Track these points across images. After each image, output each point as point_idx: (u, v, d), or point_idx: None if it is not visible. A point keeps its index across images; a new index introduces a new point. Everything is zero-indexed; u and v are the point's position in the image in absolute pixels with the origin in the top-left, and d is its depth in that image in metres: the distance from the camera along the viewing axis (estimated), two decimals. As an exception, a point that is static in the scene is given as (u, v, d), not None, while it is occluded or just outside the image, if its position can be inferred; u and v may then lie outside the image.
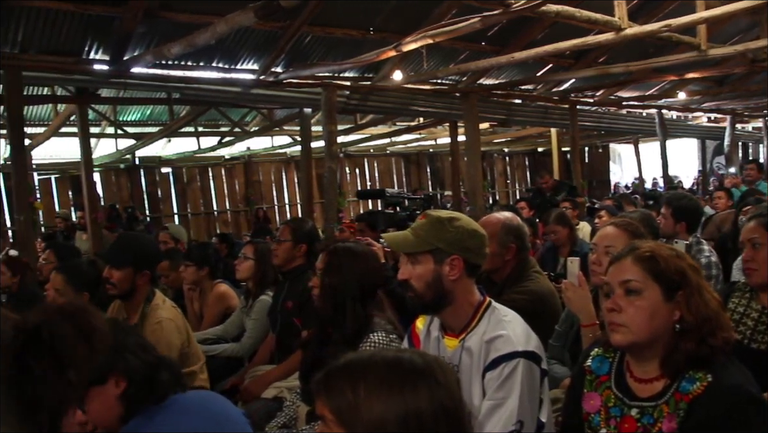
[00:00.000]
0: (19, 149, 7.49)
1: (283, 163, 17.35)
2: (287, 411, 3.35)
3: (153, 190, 15.44)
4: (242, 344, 4.62)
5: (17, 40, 7.94)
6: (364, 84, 10.57)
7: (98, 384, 1.99)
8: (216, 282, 5.07)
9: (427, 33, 7.46)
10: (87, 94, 9.58)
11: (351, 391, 1.27)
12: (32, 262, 6.87)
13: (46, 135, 11.67)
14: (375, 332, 2.79)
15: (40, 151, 12.55)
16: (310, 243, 4.31)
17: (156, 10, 7.84)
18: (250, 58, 9.59)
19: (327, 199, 9.42)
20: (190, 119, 12.34)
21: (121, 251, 3.61)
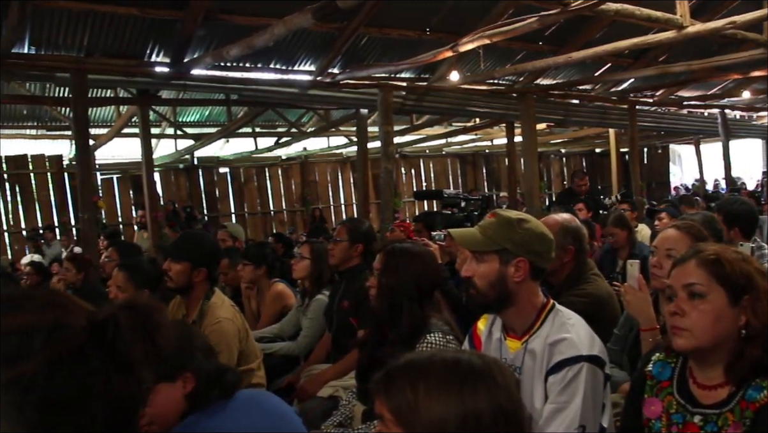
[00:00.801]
0: (84, 150, 7.68)
1: (339, 163, 17.44)
2: (343, 410, 3.36)
3: (211, 189, 15.67)
4: (298, 343, 4.65)
5: (83, 44, 8.16)
6: (420, 85, 10.56)
7: (167, 381, 2.04)
8: (273, 281, 5.11)
9: (484, 33, 7.42)
10: (148, 95, 9.76)
11: (410, 391, 1.27)
12: (95, 259, 7.03)
13: (108, 136, 11.94)
14: (431, 332, 2.78)
15: (103, 151, 12.84)
16: (366, 243, 4.31)
17: (215, 13, 7.96)
18: (307, 59, 9.66)
19: (383, 199, 9.45)
20: (247, 120, 12.50)
21: (182, 246, 3.68)
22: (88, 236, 7.81)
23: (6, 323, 0.97)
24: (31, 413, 0.92)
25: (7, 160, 13.02)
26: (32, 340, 0.95)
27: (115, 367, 0.97)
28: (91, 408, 0.95)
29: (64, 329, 0.96)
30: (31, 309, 0.99)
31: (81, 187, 7.77)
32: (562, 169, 22.06)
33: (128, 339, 0.98)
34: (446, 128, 15.62)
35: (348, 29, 8.63)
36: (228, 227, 7.56)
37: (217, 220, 14.98)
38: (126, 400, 1.00)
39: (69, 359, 0.95)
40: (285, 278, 5.29)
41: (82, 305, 1.05)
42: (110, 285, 4.10)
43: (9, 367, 0.93)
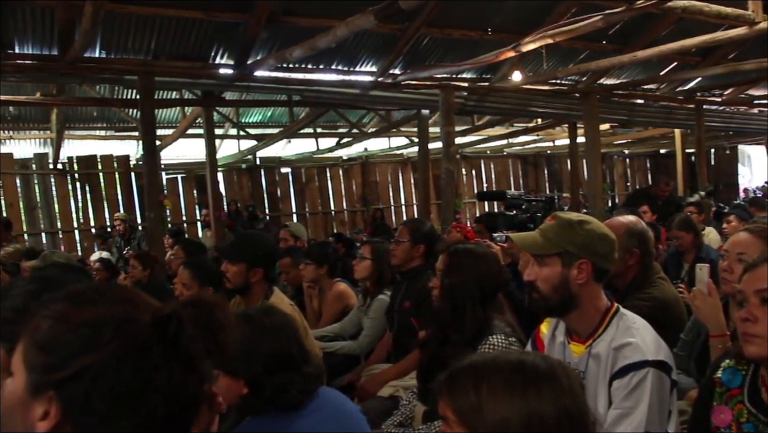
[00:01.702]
0: (150, 150, 7.84)
1: (399, 164, 17.44)
2: (403, 410, 3.37)
3: (273, 189, 15.83)
4: (359, 343, 4.67)
5: (150, 48, 8.35)
6: (482, 85, 10.52)
7: (230, 376, 2.07)
8: (335, 281, 5.15)
9: (547, 33, 7.33)
10: (212, 97, 9.93)
11: (474, 392, 1.27)
12: (161, 256, 7.17)
13: (174, 136, 12.18)
14: (494, 334, 2.77)
15: (168, 151, 13.10)
16: (428, 244, 4.31)
17: (278, 15, 8.06)
18: (368, 60, 9.70)
19: (444, 200, 9.42)
20: (309, 121, 12.59)
21: (238, 248, 3.74)
22: (155, 234, 7.98)
23: (79, 315, 1.00)
24: (98, 402, 0.96)
25: (77, 160, 13.39)
26: (102, 332, 0.98)
27: (177, 362, 1.00)
28: (152, 401, 0.98)
29: (131, 324, 1.00)
30: (102, 303, 1.03)
31: (147, 187, 7.93)
32: (625, 171, 21.67)
33: (190, 336, 1.01)
34: (508, 129, 15.50)
35: (410, 30, 8.63)
36: (290, 226, 7.64)
37: (279, 219, 15.13)
38: (186, 395, 1.03)
39: (135, 352, 0.98)
40: (346, 278, 5.32)
41: (148, 301, 1.08)
42: (176, 282, 4.19)
43: (80, 357, 0.96)
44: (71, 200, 13.42)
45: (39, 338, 1.01)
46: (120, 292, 1.10)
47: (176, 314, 1.01)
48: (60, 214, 13.31)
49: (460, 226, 6.26)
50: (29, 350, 1.01)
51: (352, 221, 16.65)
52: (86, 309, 1.02)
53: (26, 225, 12.88)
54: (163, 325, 1.00)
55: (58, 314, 1.02)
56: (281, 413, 2.08)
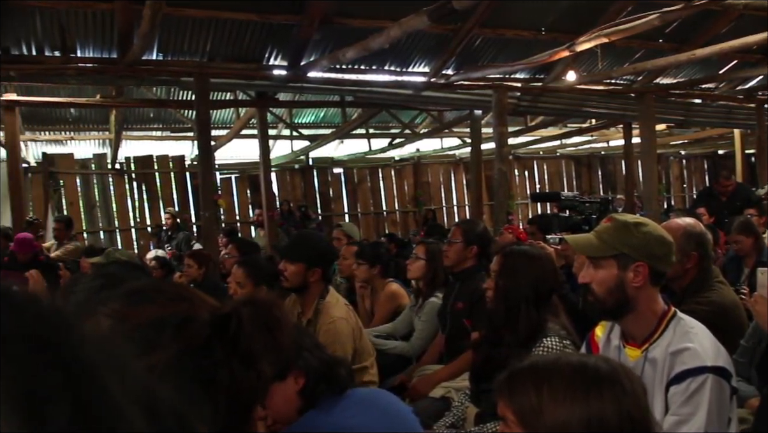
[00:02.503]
0: (205, 151, 7.96)
1: (451, 164, 17.38)
2: (455, 411, 3.36)
3: (325, 189, 15.92)
4: (411, 343, 4.68)
5: (206, 50, 8.47)
6: (535, 85, 10.43)
7: (279, 380, 2.09)
8: (387, 281, 5.16)
9: (602, 32, 7.23)
10: (266, 98, 10.02)
11: (535, 393, 1.26)
12: (215, 255, 7.27)
13: (228, 137, 12.34)
14: (548, 336, 2.74)
15: (222, 152, 13.28)
16: (481, 245, 4.30)
17: (332, 16, 8.11)
18: (421, 60, 9.70)
19: (496, 201, 9.37)
20: (361, 121, 12.63)
21: (297, 247, 3.76)
22: (209, 233, 8.09)
23: (139, 314, 1.02)
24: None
25: (134, 160, 13.67)
26: (164, 332, 1.00)
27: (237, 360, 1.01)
28: (216, 399, 1.00)
29: (191, 323, 1.01)
30: (162, 302, 1.05)
31: (202, 186, 8.05)
32: (681, 172, 21.23)
33: (250, 333, 1.02)
34: (561, 129, 15.33)
35: (462, 30, 8.61)
36: (343, 226, 7.69)
37: (331, 219, 15.21)
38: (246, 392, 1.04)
39: (196, 351, 0.99)
40: (398, 278, 5.32)
41: (205, 299, 1.10)
42: (230, 281, 4.23)
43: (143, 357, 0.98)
44: (128, 199, 13.70)
45: None
46: (178, 290, 1.12)
47: (236, 312, 1.03)
48: (117, 213, 13.60)
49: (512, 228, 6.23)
50: None
51: (404, 222, 16.65)
52: (146, 308, 1.04)
53: (85, 223, 13.19)
54: (223, 323, 1.01)
55: (118, 314, 1.04)
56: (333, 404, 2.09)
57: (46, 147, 13.16)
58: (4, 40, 7.86)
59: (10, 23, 7.60)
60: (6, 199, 10.10)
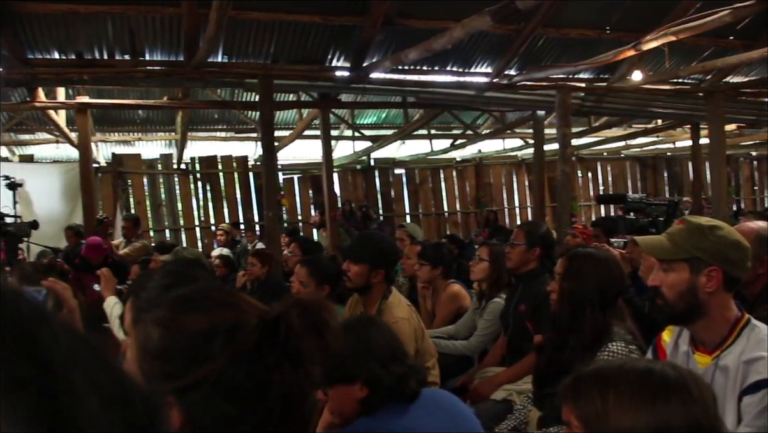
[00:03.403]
0: (269, 151, 8.05)
1: (514, 165, 17.25)
2: (517, 414, 3.34)
3: (386, 190, 15.95)
4: (471, 343, 4.65)
5: (269, 52, 8.59)
6: (599, 85, 10.28)
7: (345, 383, 2.09)
8: (449, 282, 5.14)
9: (670, 30, 7.08)
10: (329, 99, 10.09)
11: (600, 399, 1.24)
12: (278, 254, 7.35)
13: (291, 138, 12.47)
14: (614, 341, 2.69)
15: (285, 152, 13.43)
16: (544, 247, 4.25)
17: (394, 17, 8.13)
18: (483, 61, 9.66)
19: (559, 203, 9.26)
20: (423, 122, 12.63)
21: (361, 248, 3.75)
22: (272, 232, 8.19)
23: (188, 323, 1.04)
24: (217, 406, 0.99)
25: (199, 160, 13.93)
26: (214, 340, 1.02)
27: (289, 362, 1.02)
28: (269, 401, 1.01)
29: (240, 329, 1.03)
30: (210, 309, 1.06)
31: (266, 187, 8.14)
32: (752, 174, 20.62)
33: (299, 335, 1.03)
34: (626, 130, 15.07)
35: (525, 30, 8.54)
36: (406, 226, 7.70)
37: (392, 220, 15.25)
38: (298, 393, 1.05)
39: (248, 356, 1.01)
40: (460, 279, 5.30)
41: (253, 303, 1.11)
42: (292, 280, 4.27)
43: (197, 367, 1.00)
44: (193, 199, 13.99)
45: (152, 346, 1.05)
46: (224, 296, 1.13)
47: (284, 315, 1.04)
48: (182, 212, 13.90)
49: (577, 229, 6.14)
50: (144, 358, 1.06)
51: (465, 223, 16.59)
52: (194, 316, 1.05)
53: (152, 222, 13.52)
54: (273, 327, 1.03)
55: (168, 322, 1.06)
56: (396, 410, 2.09)
57: (115, 148, 13.53)
58: (77, 45, 8.10)
59: (83, 29, 7.83)
60: (78, 197, 10.42)
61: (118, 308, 3.57)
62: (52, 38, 7.99)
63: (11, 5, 7.27)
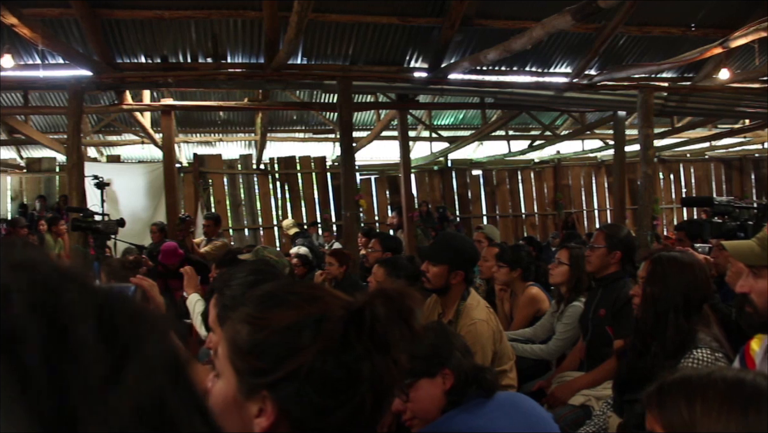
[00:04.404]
0: (348, 152, 8.12)
1: (593, 167, 16.97)
2: (596, 420, 3.28)
3: (463, 191, 15.91)
4: (549, 347, 4.59)
5: (348, 53, 8.67)
6: (683, 85, 10.02)
7: (428, 377, 2.11)
8: (527, 284, 5.08)
9: (761, 25, 6.84)
10: (407, 100, 10.12)
11: (686, 408, 1.21)
12: (355, 254, 7.39)
13: (369, 139, 12.54)
14: (699, 348, 2.61)
15: (362, 153, 13.52)
16: (625, 250, 4.16)
17: (472, 18, 8.10)
18: (563, 61, 9.54)
19: (641, 205, 9.06)
20: (501, 123, 12.54)
21: (441, 249, 3.73)
22: (350, 232, 8.25)
23: (276, 318, 1.06)
24: (310, 398, 1.01)
25: (278, 160, 14.18)
26: (303, 334, 1.03)
27: (376, 350, 1.03)
28: (360, 390, 1.02)
29: (327, 321, 1.04)
30: (296, 304, 1.08)
31: (344, 187, 8.22)
32: None
33: (385, 324, 1.04)
34: (711, 131, 14.64)
35: (607, 29, 8.39)
36: (484, 228, 7.65)
37: (469, 221, 15.21)
38: (386, 381, 1.06)
39: (336, 347, 1.02)
40: (539, 282, 5.24)
41: (337, 295, 1.13)
42: (370, 280, 4.29)
43: (287, 360, 1.02)
44: (272, 198, 14.23)
45: (242, 343, 1.08)
46: (309, 290, 1.15)
47: (369, 304, 1.05)
48: (261, 211, 14.15)
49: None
50: (234, 355, 1.08)
51: (543, 225, 16.40)
52: (281, 312, 1.07)
53: (231, 221, 13.80)
54: (358, 317, 1.04)
55: (255, 319, 1.08)
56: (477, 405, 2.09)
57: (197, 148, 13.88)
58: (162, 49, 8.35)
59: (168, 34, 8.06)
60: (161, 196, 10.73)
61: (201, 305, 3.65)
62: (139, 43, 8.26)
63: (101, 12, 7.55)
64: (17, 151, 13.66)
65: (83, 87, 8.16)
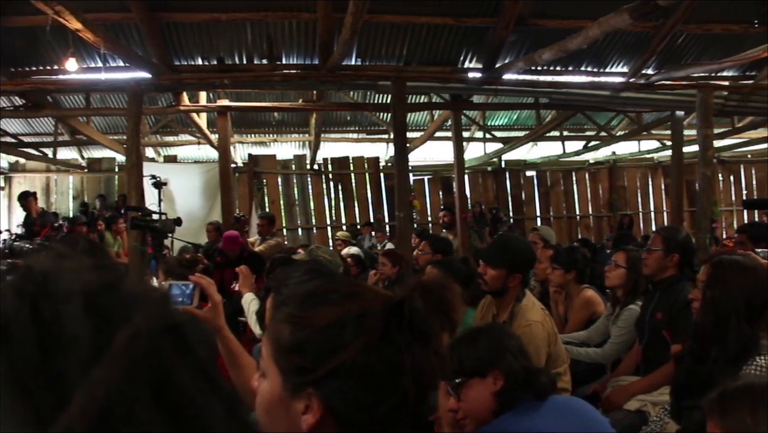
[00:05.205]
0: (401, 153, 8.14)
1: (649, 168, 16.69)
2: (653, 427, 3.23)
3: (517, 192, 15.80)
4: (604, 351, 4.53)
5: (402, 54, 8.68)
6: (744, 83, 9.79)
7: (478, 377, 2.10)
8: (582, 287, 5.03)
9: (828, 23, 6.65)
10: (461, 100, 10.09)
11: (750, 416, 1.19)
12: (408, 254, 7.40)
13: (422, 139, 12.55)
14: (762, 354, 2.54)
15: (416, 153, 13.53)
16: (683, 253, 4.08)
17: (527, 18, 8.05)
18: (619, 60, 9.42)
19: (699, 207, 8.87)
20: (556, 124, 12.44)
21: (499, 252, 3.70)
22: (403, 232, 8.26)
23: (317, 317, 1.08)
24: (354, 393, 1.02)
25: (331, 161, 14.28)
26: (343, 331, 1.05)
27: (417, 343, 1.04)
28: (403, 383, 1.03)
29: (368, 317, 1.05)
30: (337, 301, 1.09)
31: (397, 187, 8.24)
32: None
33: (424, 317, 1.05)
34: (773, 131, 14.28)
35: (665, 27, 8.24)
36: (540, 229, 7.60)
37: (523, 222, 15.11)
38: (428, 373, 1.07)
39: (378, 342, 1.03)
40: (594, 284, 5.18)
41: (376, 290, 1.14)
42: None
43: (330, 357, 1.03)
44: (325, 199, 14.32)
45: (285, 342, 1.09)
46: (349, 287, 1.16)
47: (408, 299, 1.06)
48: (314, 212, 14.26)
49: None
50: (278, 354, 1.10)
51: (597, 227, 16.20)
52: (322, 310, 1.08)
53: (285, 220, 13.94)
54: (398, 310, 1.05)
55: (297, 318, 1.09)
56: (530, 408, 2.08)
57: (251, 148, 14.05)
58: (219, 51, 8.48)
59: (224, 36, 8.19)
60: (217, 196, 10.90)
61: (255, 304, 3.70)
62: (196, 45, 8.40)
63: (160, 15, 7.70)
64: (79, 151, 14.05)
65: (142, 89, 8.34)
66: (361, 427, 1.05)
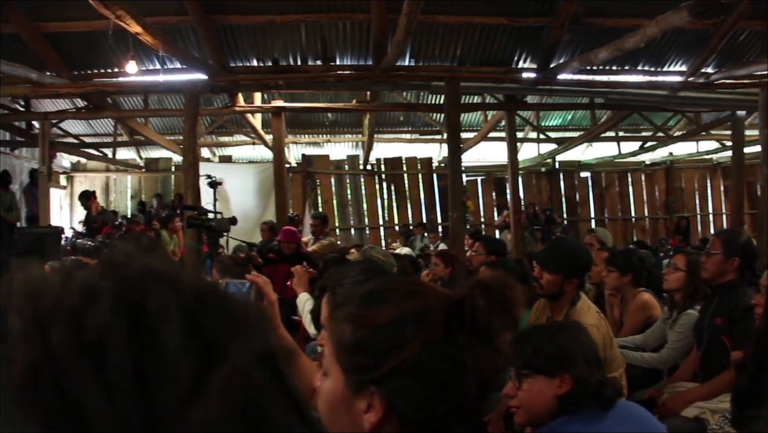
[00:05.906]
0: (455, 153, 8.13)
1: (708, 169, 16.36)
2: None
3: (571, 194, 15.64)
4: (661, 355, 4.44)
5: (456, 54, 8.66)
6: (810, 82, 9.51)
7: (546, 376, 2.08)
8: (639, 290, 4.94)
9: None
10: (515, 101, 10.02)
11: (818, 427, 1.15)
12: (461, 255, 7.37)
13: (476, 140, 12.50)
14: (828, 362, 2.48)
15: (469, 154, 13.49)
16: (743, 257, 3.98)
17: (582, 17, 7.95)
18: (677, 59, 9.24)
19: (761, 210, 8.66)
20: (611, 124, 12.28)
21: (556, 256, 3.64)
22: (457, 233, 8.23)
23: (378, 316, 1.07)
24: (416, 391, 1.02)
25: (384, 161, 14.32)
26: (405, 329, 1.04)
27: (478, 341, 1.03)
28: (465, 381, 1.02)
29: (428, 315, 1.05)
30: (396, 300, 1.09)
31: (451, 188, 8.23)
32: None
33: (485, 315, 1.04)
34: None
35: (726, 24, 8.05)
36: (596, 231, 7.49)
37: (577, 224, 14.95)
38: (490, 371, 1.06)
39: (439, 340, 1.03)
40: (650, 288, 5.08)
41: (436, 289, 1.13)
42: (476, 281, 4.25)
43: (392, 355, 1.03)
44: (377, 199, 14.37)
45: (346, 341, 1.09)
46: (408, 286, 1.16)
47: (468, 297, 1.05)
48: (367, 212, 14.31)
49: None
50: (340, 353, 1.10)
51: (653, 229, 15.94)
52: (383, 308, 1.08)
53: (338, 220, 14.02)
54: (459, 310, 1.04)
55: (358, 317, 1.09)
56: (592, 415, 2.05)
57: (305, 149, 14.17)
58: (273, 52, 8.57)
59: (279, 37, 8.27)
60: (271, 196, 11.02)
61: (310, 304, 3.73)
62: (251, 47, 8.51)
63: (216, 18, 7.81)
64: (137, 151, 14.36)
65: (199, 90, 8.47)
66: (422, 426, 1.05)
